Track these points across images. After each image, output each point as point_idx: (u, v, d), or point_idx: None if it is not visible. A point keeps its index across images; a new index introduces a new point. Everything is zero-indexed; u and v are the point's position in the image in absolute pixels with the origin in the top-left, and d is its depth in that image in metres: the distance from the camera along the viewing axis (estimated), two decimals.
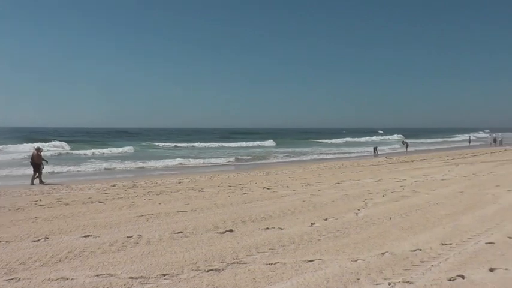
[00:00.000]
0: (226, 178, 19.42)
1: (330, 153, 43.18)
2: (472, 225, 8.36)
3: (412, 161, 28.32)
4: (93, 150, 41.23)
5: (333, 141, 75.04)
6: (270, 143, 66.16)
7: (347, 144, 67.31)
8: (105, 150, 41.96)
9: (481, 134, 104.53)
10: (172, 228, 8.28)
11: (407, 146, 46.77)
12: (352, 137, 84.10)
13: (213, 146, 57.60)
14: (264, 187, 15.21)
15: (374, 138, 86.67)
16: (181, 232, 7.96)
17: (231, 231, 8.03)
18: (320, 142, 73.01)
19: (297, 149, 49.74)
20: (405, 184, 15.21)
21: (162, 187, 15.89)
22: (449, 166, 23.12)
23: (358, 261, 6.06)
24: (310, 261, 6.08)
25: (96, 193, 14.31)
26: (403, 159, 30.81)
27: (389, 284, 5.15)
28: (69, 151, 42.10)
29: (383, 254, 6.41)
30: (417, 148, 51.50)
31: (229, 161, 33.05)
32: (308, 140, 78.51)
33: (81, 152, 40.60)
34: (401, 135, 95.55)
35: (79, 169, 25.67)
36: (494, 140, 55.82)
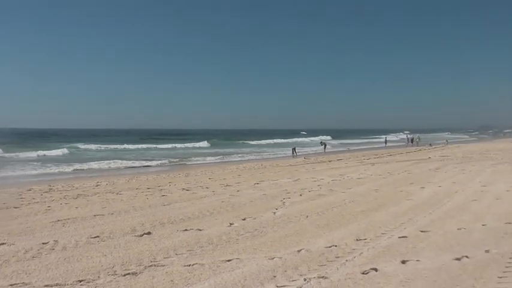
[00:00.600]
0: (145, 180, 19.03)
1: (253, 154, 43.49)
2: (386, 220, 8.74)
3: (330, 161, 28.97)
4: (21, 153, 39.03)
5: (261, 142, 75.50)
6: (203, 144, 65.09)
7: (273, 145, 67.95)
8: (36, 153, 39.71)
9: (402, 135, 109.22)
10: (89, 233, 8.03)
11: (325, 146, 48.27)
12: (278, 139, 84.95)
13: (143, 147, 56.22)
14: (183, 188, 15.07)
15: (300, 139, 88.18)
16: (98, 236, 7.75)
17: (149, 233, 7.92)
18: (248, 143, 73.06)
19: (221, 150, 49.77)
20: (322, 183, 15.57)
21: (79, 190, 15.30)
22: (365, 165, 23.90)
23: (275, 259, 6.17)
24: (228, 260, 6.13)
25: (11, 198, 13.50)
26: (321, 159, 31.40)
27: (305, 279, 5.28)
28: (2, 154, 39.57)
29: (299, 251, 6.57)
30: (336, 149, 53.23)
31: (151, 163, 32.30)
32: (240, 141, 78.26)
33: (9, 155, 38.37)
34: (330, 136, 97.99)
35: None
36: (412, 141, 58.83)
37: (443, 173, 18.20)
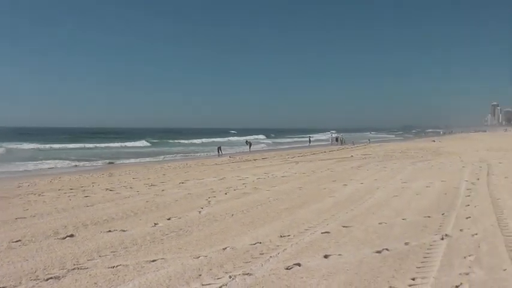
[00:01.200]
0: (68, 180, 18.39)
1: (181, 153, 43.01)
2: (309, 217, 9.04)
3: (255, 160, 29.13)
4: None
5: (195, 141, 74.32)
6: (141, 143, 63.15)
7: (203, 144, 66.92)
8: None
9: (328, 135, 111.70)
10: (10, 237, 7.75)
11: (250, 145, 48.86)
12: (210, 138, 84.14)
13: (77, 146, 53.37)
14: (107, 189, 14.75)
15: (233, 138, 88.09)
16: (19, 240, 7.51)
17: (71, 236, 7.78)
18: (182, 142, 71.58)
19: (156, 149, 48.84)
20: (247, 182, 15.73)
21: (0, 192, 14.53)
22: (289, 164, 24.19)
23: (200, 257, 6.28)
24: (153, 261, 6.17)
25: None
26: (246, 158, 31.44)
27: (230, 277, 5.44)
28: None
29: (224, 249, 6.72)
30: (268, 147, 53.85)
31: (78, 163, 31.06)
32: (173, 140, 76.44)
33: None
34: (263, 135, 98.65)
35: None
36: (336, 140, 60.65)
37: (365, 171, 18.74)
